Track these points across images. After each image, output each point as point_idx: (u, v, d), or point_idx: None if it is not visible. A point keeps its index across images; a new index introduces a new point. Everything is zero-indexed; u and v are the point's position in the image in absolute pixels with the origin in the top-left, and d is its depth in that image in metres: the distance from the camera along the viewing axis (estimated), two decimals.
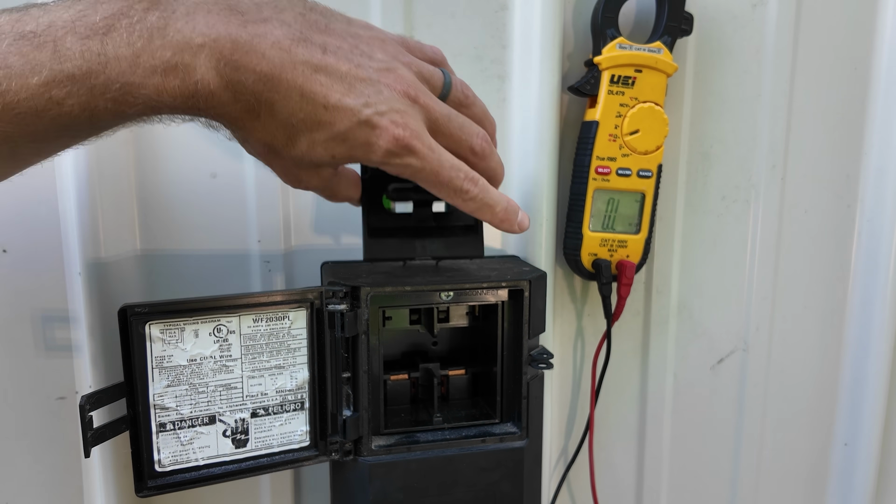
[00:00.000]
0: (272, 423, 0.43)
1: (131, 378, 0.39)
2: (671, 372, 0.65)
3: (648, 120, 0.54)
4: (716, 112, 0.61)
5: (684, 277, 0.63)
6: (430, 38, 0.53)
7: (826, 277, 0.68)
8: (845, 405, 0.71)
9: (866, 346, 0.69)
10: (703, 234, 0.63)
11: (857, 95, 0.65)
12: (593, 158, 0.54)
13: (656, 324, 0.63)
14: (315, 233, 0.54)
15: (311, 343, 0.44)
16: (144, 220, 0.51)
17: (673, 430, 0.66)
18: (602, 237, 0.56)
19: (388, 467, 0.46)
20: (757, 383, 0.67)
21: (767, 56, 0.61)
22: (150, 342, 0.39)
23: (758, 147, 0.63)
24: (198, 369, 0.40)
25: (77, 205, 0.47)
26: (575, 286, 0.61)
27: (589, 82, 0.54)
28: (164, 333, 0.39)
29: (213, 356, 0.41)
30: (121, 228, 0.50)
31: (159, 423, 0.40)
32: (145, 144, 0.50)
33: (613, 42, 0.53)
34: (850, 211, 0.67)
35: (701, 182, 0.62)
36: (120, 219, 0.50)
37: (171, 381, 0.40)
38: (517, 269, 0.50)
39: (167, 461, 0.41)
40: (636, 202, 0.56)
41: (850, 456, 0.71)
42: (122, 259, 0.50)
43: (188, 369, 0.40)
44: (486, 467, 0.47)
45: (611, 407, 0.64)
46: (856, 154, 0.66)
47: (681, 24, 0.54)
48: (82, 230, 0.48)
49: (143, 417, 0.40)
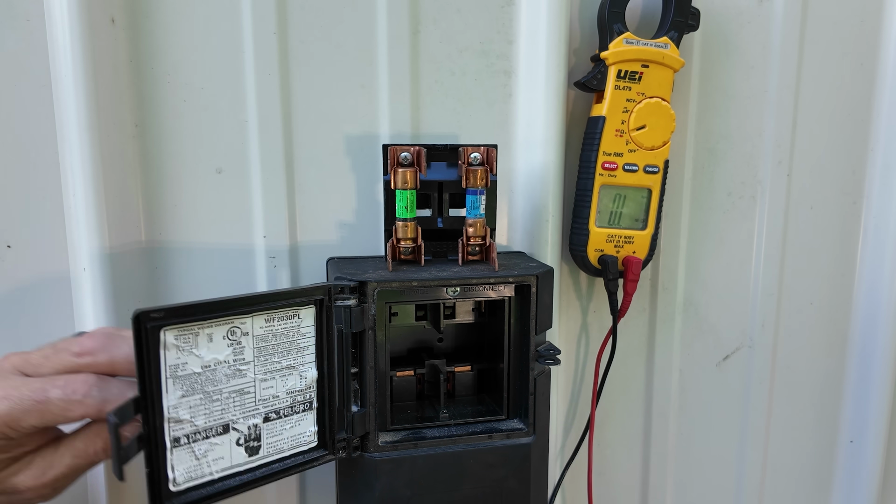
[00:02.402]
0: (283, 426, 0.42)
1: (145, 391, 0.36)
2: (677, 368, 0.64)
3: (655, 115, 0.54)
4: (722, 108, 0.61)
5: (690, 274, 0.63)
6: (436, 33, 0.53)
7: (832, 274, 0.68)
8: (851, 402, 0.71)
9: (872, 342, 0.68)
10: (709, 230, 0.63)
11: (864, 91, 0.65)
12: (600, 154, 0.54)
13: (662, 320, 0.63)
14: (320, 228, 0.54)
15: (320, 340, 0.43)
16: (150, 216, 0.51)
17: (678, 427, 0.66)
18: (608, 233, 0.56)
19: (394, 463, 0.46)
20: (762, 380, 0.67)
21: (774, 52, 0.61)
22: (164, 350, 0.37)
23: (764, 143, 0.63)
24: (212, 376, 0.39)
25: (83, 200, 0.47)
26: (581, 282, 0.61)
27: (595, 77, 0.53)
28: (179, 339, 0.37)
29: (226, 361, 0.39)
30: (126, 224, 0.49)
31: (173, 437, 0.38)
32: (151, 140, 0.50)
33: (620, 37, 0.52)
34: (855, 207, 0.67)
35: (707, 178, 0.62)
36: (125, 214, 0.49)
37: (185, 390, 0.38)
38: (524, 264, 0.50)
39: (182, 478, 0.38)
40: (643, 198, 0.56)
41: (856, 453, 0.71)
42: (127, 255, 0.50)
43: (202, 376, 0.39)
44: (492, 463, 0.47)
45: (616, 403, 0.64)
46: (862, 150, 0.66)
47: (688, 20, 0.54)
48: (87, 225, 0.47)
49: (159, 433, 0.37)
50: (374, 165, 0.54)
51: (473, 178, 0.47)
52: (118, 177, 0.49)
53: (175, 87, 0.50)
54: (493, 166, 0.48)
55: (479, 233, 0.48)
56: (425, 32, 0.53)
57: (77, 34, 0.45)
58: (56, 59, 0.46)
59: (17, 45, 0.47)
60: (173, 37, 0.49)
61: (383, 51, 0.52)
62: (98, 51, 0.46)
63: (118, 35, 0.48)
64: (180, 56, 0.49)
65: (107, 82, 0.47)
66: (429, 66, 0.54)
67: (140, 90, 0.49)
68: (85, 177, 0.47)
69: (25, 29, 0.47)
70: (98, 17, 0.46)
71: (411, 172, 0.46)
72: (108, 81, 0.47)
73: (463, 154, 0.48)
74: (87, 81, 0.46)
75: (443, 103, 0.54)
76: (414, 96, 0.54)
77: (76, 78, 0.46)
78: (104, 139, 0.47)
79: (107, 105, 0.47)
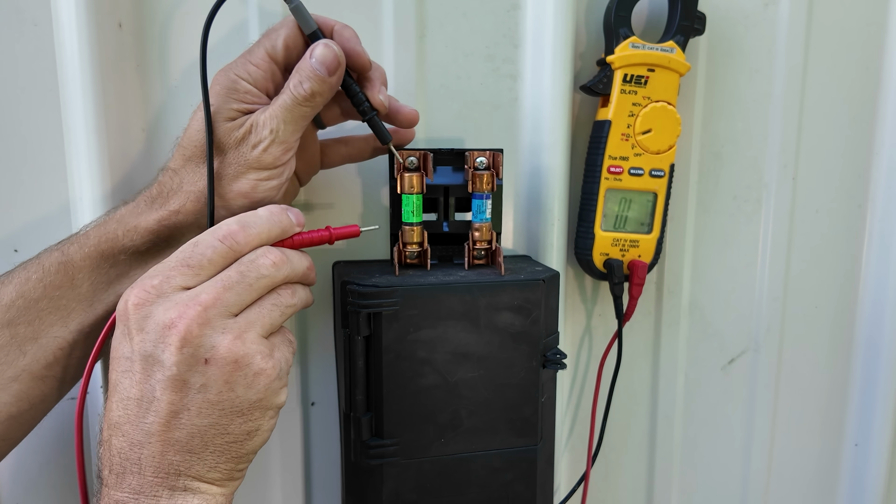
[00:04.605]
0: None
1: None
2: (682, 372, 0.64)
3: (661, 119, 0.54)
4: (727, 112, 0.61)
5: (696, 277, 0.63)
6: (442, 38, 0.53)
7: (837, 277, 0.68)
8: (856, 405, 0.71)
9: (877, 345, 0.68)
10: (715, 234, 0.63)
11: (869, 95, 0.65)
12: (605, 158, 0.54)
13: (667, 324, 0.63)
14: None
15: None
16: None
17: (684, 431, 0.66)
18: (614, 237, 0.56)
19: (401, 468, 0.45)
20: (768, 384, 0.67)
21: (779, 55, 0.61)
22: None
23: (769, 147, 0.63)
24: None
25: (90, 205, 0.47)
26: (586, 286, 0.61)
27: (601, 81, 0.53)
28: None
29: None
30: None
31: None
32: (157, 144, 0.50)
33: (626, 41, 0.52)
34: (861, 211, 0.67)
35: (713, 182, 0.62)
36: None
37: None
38: (530, 268, 0.50)
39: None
40: (648, 202, 0.56)
41: (861, 456, 0.71)
42: None
43: None
44: (499, 468, 0.47)
45: (621, 407, 0.63)
46: (867, 154, 0.66)
47: (693, 24, 0.54)
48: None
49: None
50: (381, 170, 0.54)
51: (479, 183, 0.47)
52: (125, 181, 0.49)
53: (182, 92, 0.50)
54: (500, 170, 0.48)
55: (485, 237, 0.48)
56: (431, 37, 0.53)
57: (84, 39, 0.45)
58: (63, 64, 0.46)
59: (24, 49, 0.47)
60: (181, 42, 0.49)
61: (389, 55, 0.52)
62: (105, 55, 0.46)
63: (125, 40, 0.48)
64: (187, 61, 0.49)
65: (114, 87, 0.47)
66: (435, 70, 0.54)
67: (147, 95, 0.49)
68: (92, 181, 0.47)
69: (33, 33, 0.47)
70: (105, 21, 0.46)
71: (417, 177, 0.46)
72: (116, 86, 0.48)
73: (469, 158, 0.48)
74: (95, 86, 0.46)
75: (448, 107, 0.54)
76: (420, 100, 0.54)
77: (83, 82, 0.46)
78: (111, 144, 0.47)
79: (114, 110, 0.47)
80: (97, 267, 0.42)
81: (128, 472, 0.35)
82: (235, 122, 0.41)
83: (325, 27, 0.43)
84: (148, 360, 0.35)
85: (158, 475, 0.35)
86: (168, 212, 0.42)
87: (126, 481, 0.35)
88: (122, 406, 0.35)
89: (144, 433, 0.35)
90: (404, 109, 0.46)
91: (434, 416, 0.45)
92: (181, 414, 0.35)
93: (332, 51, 0.41)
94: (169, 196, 0.42)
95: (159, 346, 0.35)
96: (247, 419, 0.37)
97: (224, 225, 0.38)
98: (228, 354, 0.35)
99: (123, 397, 0.35)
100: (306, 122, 0.42)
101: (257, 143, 0.41)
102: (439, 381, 0.45)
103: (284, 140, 0.41)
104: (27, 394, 0.41)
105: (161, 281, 0.36)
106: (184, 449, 0.35)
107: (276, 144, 0.41)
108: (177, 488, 0.35)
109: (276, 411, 0.38)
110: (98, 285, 0.42)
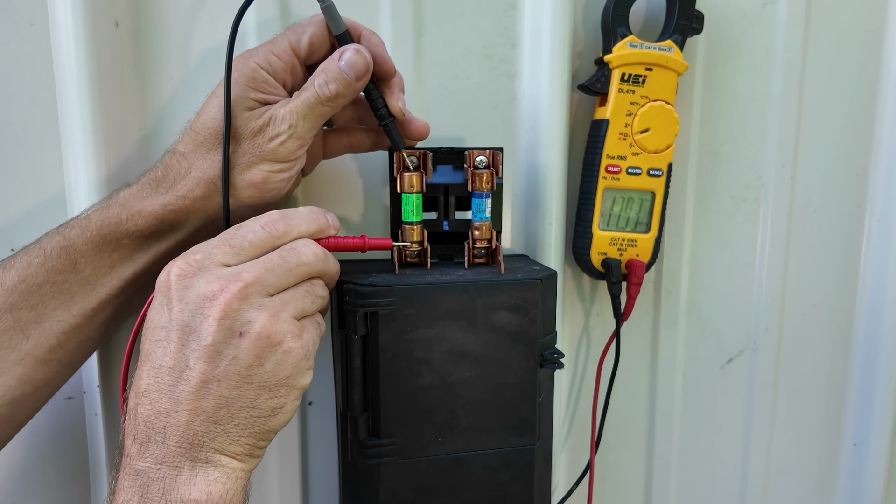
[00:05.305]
0: None
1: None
2: (680, 372, 0.64)
3: (659, 118, 0.54)
4: (725, 111, 0.61)
5: (694, 277, 0.63)
6: (439, 37, 0.53)
7: (835, 277, 0.68)
8: (854, 405, 0.71)
9: (876, 345, 0.68)
10: (713, 233, 0.63)
11: (867, 94, 0.65)
12: (603, 157, 0.54)
13: (665, 324, 0.63)
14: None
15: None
16: None
17: (682, 430, 0.66)
18: (612, 236, 0.56)
19: (398, 467, 0.45)
20: (766, 383, 0.67)
21: (777, 55, 0.61)
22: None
23: (767, 146, 0.62)
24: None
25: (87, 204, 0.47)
26: (584, 286, 0.61)
27: (599, 80, 0.53)
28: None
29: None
30: None
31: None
32: (155, 143, 0.50)
33: (624, 40, 0.52)
34: (859, 210, 0.67)
35: (711, 181, 0.62)
36: None
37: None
38: (527, 267, 0.50)
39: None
40: (646, 201, 0.56)
41: (860, 456, 0.71)
42: None
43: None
44: (496, 468, 0.47)
45: (619, 407, 0.63)
46: (865, 153, 0.66)
47: (691, 23, 0.54)
48: None
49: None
50: (381, 169, 0.54)
51: (479, 182, 0.47)
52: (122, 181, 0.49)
53: (179, 91, 0.50)
54: (499, 170, 0.48)
55: (485, 236, 0.48)
56: (429, 36, 0.53)
57: (81, 38, 0.45)
58: (60, 63, 0.46)
59: (21, 48, 0.47)
60: (178, 41, 0.49)
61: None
62: (102, 54, 0.46)
63: (122, 39, 0.48)
64: (184, 60, 0.49)
65: (111, 86, 0.47)
66: (432, 69, 0.54)
67: (144, 94, 0.49)
68: (89, 181, 0.47)
69: (29, 33, 0.47)
70: (102, 20, 0.46)
71: (417, 176, 0.46)
72: (113, 85, 0.47)
73: (469, 157, 0.48)
74: (92, 85, 0.46)
75: (446, 107, 0.54)
76: (418, 100, 0.54)
77: (80, 82, 0.46)
78: (108, 143, 0.47)
79: (111, 109, 0.47)
80: (99, 251, 0.42)
81: (152, 441, 0.35)
82: (254, 112, 0.42)
83: (352, 30, 0.43)
84: (185, 329, 0.36)
85: (182, 445, 0.35)
86: (175, 196, 0.42)
87: (150, 450, 0.35)
88: (154, 374, 0.36)
89: (173, 401, 0.35)
90: (416, 122, 0.47)
91: (431, 416, 0.45)
92: (211, 384, 0.36)
93: (363, 57, 0.42)
94: (176, 180, 0.43)
95: (197, 317, 0.36)
96: (273, 395, 0.37)
97: (267, 215, 0.40)
98: (263, 330, 0.36)
99: (155, 365, 0.36)
100: (324, 121, 0.43)
101: (275, 136, 0.42)
102: (436, 380, 0.45)
103: (301, 136, 0.42)
104: (31, 377, 0.42)
105: (203, 256, 0.37)
106: (210, 419, 0.36)
107: (293, 139, 0.42)
108: (199, 460, 0.36)
109: (300, 392, 0.39)
110: (100, 269, 0.43)
